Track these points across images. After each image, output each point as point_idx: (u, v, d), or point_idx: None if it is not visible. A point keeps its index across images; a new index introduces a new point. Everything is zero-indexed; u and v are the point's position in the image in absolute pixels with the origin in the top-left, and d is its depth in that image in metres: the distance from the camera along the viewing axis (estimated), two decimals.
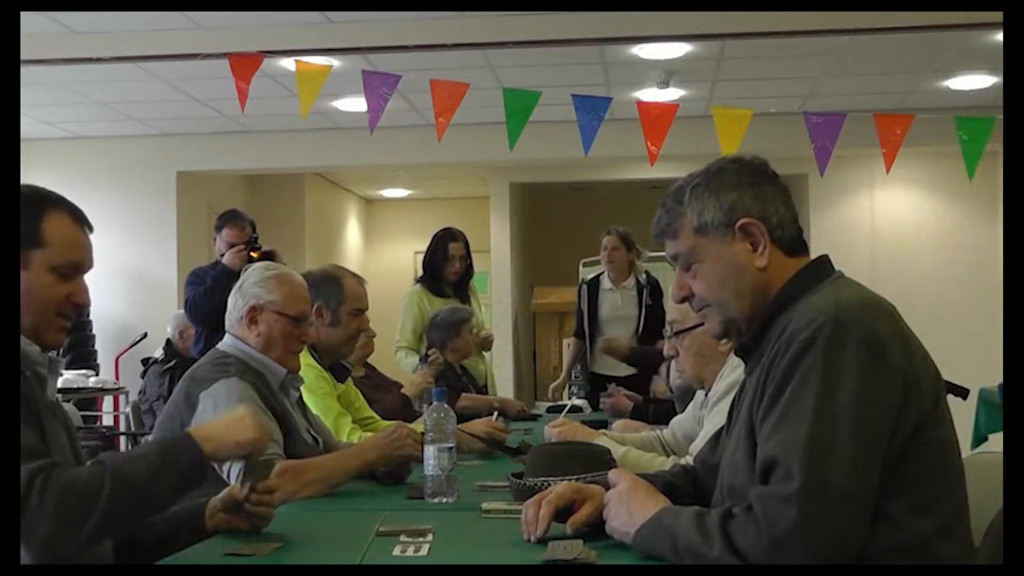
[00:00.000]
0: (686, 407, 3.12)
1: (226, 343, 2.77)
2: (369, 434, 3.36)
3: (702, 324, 2.56)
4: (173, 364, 6.56)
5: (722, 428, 1.97)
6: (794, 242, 1.78)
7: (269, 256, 5.25)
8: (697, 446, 2.48)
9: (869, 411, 1.53)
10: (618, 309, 6.21)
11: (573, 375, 6.30)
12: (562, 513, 1.84)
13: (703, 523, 1.58)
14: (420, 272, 5.84)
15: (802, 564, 1.48)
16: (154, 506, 1.82)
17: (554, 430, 3.04)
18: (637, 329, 6.07)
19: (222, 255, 5.49)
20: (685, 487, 1.94)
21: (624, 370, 5.89)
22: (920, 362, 1.62)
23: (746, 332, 1.78)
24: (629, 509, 1.74)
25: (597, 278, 6.40)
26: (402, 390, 4.34)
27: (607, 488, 1.83)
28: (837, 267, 1.81)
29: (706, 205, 1.76)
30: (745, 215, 1.74)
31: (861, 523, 1.51)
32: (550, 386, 6.81)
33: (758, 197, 1.75)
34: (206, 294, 5.31)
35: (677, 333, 2.62)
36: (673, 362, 2.74)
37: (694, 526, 1.59)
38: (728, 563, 1.52)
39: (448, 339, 5.03)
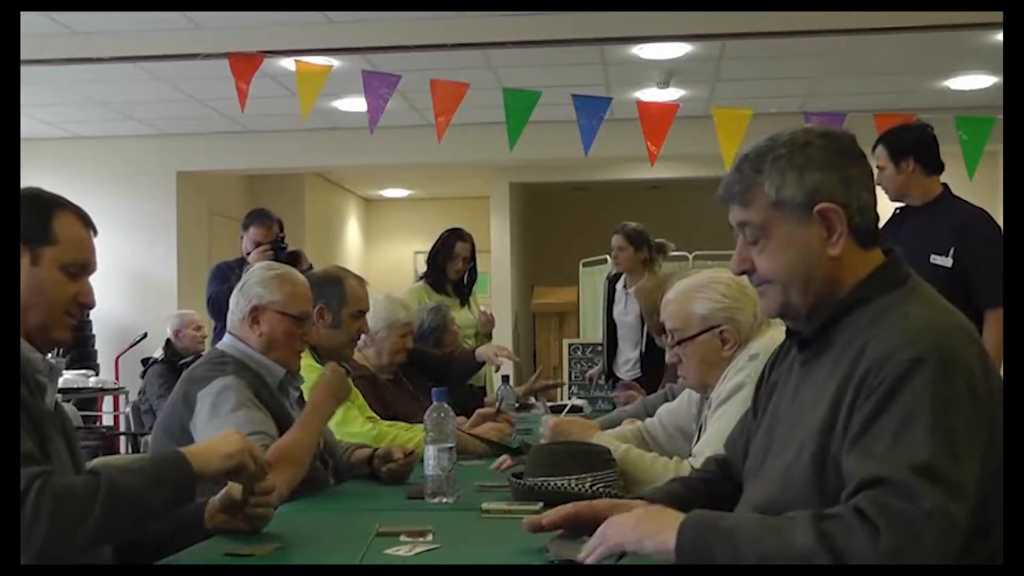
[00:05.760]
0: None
1: (225, 343, 2.77)
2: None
3: (704, 333, 2.55)
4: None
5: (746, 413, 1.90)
6: (869, 231, 1.66)
7: (295, 256, 5.19)
8: (700, 448, 2.46)
9: (976, 449, 1.46)
10: (621, 314, 5.87)
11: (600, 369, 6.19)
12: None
13: (772, 522, 1.45)
14: (423, 269, 5.77)
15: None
16: (148, 517, 1.80)
17: (550, 422, 3.01)
18: (641, 339, 5.68)
19: (248, 253, 5.45)
20: (701, 499, 1.79)
21: (634, 372, 5.77)
22: (998, 398, 1.55)
23: (803, 318, 1.68)
24: (648, 526, 1.54)
25: (619, 275, 5.92)
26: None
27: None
28: None
29: (787, 180, 1.63)
30: (827, 199, 1.62)
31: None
32: (587, 373, 6.55)
33: (844, 180, 1.64)
34: (229, 293, 5.26)
35: (680, 342, 2.58)
36: (676, 368, 2.70)
37: (759, 523, 1.46)
38: (818, 560, 1.38)
39: (440, 339, 4.99)
